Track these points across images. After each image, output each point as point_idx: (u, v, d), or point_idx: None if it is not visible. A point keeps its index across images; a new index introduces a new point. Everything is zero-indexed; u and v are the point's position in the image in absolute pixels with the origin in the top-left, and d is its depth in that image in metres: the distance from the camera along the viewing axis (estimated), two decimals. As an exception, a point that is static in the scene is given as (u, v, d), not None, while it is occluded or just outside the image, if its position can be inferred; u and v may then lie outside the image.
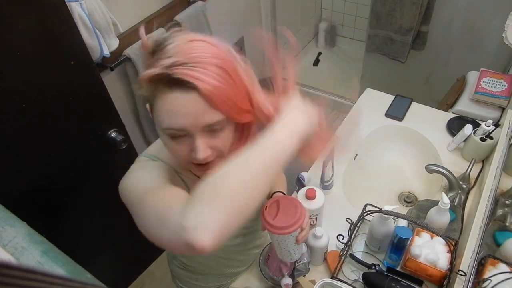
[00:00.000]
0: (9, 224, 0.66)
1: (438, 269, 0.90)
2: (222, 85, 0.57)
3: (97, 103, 1.22)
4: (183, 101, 0.57)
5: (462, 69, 1.70)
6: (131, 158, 0.75)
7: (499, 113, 1.41)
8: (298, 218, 0.72)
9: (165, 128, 0.60)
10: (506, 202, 1.07)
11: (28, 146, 1.07)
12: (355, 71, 2.69)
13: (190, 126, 0.58)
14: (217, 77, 0.57)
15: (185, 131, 0.59)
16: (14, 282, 0.19)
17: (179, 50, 0.57)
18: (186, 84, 0.55)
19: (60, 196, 1.24)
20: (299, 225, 0.72)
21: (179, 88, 0.56)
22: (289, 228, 0.72)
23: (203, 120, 0.58)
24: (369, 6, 2.06)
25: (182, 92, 0.56)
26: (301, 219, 0.73)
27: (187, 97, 0.56)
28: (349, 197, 1.22)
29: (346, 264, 1.02)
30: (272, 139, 0.56)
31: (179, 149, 0.62)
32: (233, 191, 0.49)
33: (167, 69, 0.56)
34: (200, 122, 0.58)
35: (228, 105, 0.59)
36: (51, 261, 0.61)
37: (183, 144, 0.62)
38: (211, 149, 0.62)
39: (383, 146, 1.41)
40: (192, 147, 0.61)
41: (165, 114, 0.58)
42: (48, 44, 1.00)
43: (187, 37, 0.59)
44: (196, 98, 0.56)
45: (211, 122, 0.59)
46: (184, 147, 0.62)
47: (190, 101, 0.57)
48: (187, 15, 1.68)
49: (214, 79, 0.57)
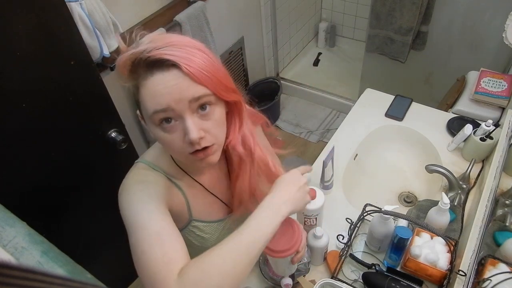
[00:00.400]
0: (9, 224, 0.66)
1: (438, 269, 0.90)
2: (202, 62, 0.58)
3: (97, 103, 1.22)
4: (164, 81, 0.57)
5: (462, 69, 1.71)
6: (131, 158, 0.75)
7: (499, 113, 1.41)
8: (295, 242, 0.72)
9: (152, 114, 0.58)
10: (506, 202, 1.07)
11: (28, 146, 1.07)
12: (355, 71, 2.69)
13: (175, 103, 0.57)
14: (196, 55, 0.58)
15: (173, 111, 0.58)
16: (14, 282, 0.19)
17: (154, 39, 0.59)
18: (165, 62, 0.56)
19: (60, 196, 1.24)
20: (295, 249, 0.72)
21: (159, 69, 0.57)
22: (286, 252, 0.72)
23: (188, 94, 0.57)
24: (369, 6, 2.06)
25: (162, 72, 0.57)
26: (297, 243, 0.72)
27: (168, 75, 0.57)
28: (349, 197, 1.22)
29: (346, 264, 1.02)
30: (254, 226, 0.61)
31: (173, 139, 0.61)
32: (217, 281, 0.55)
33: (144, 53, 0.56)
34: (185, 97, 0.57)
35: (212, 81, 0.59)
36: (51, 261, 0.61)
37: (175, 132, 0.60)
38: (204, 132, 0.61)
39: (383, 146, 1.41)
40: (185, 131, 0.59)
41: (150, 98, 0.58)
42: (48, 44, 1.00)
43: (155, 34, 0.61)
44: (177, 74, 0.57)
45: (196, 95, 0.58)
46: (177, 134, 0.61)
47: (171, 79, 0.57)
48: (187, 15, 1.68)
49: (194, 56, 0.57)
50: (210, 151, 0.63)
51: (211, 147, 0.63)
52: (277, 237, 0.72)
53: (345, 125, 1.46)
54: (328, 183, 1.20)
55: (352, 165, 1.33)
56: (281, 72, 3.00)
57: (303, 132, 2.68)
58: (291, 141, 2.62)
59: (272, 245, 0.72)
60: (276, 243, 0.72)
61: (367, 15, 2.21)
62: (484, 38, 1.88)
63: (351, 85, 2.78)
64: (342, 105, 2.75)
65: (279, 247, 0.72)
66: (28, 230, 0.67)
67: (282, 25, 2.71)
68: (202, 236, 0.82)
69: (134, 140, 1.53)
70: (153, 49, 0.56)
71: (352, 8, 3.07)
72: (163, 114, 0.58)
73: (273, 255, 0.72)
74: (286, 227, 0.74)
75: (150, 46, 0.57)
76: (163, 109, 0.58)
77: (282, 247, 0.72)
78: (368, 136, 1.39)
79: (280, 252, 0.72)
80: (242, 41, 2.35)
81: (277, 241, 0.72)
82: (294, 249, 0.72)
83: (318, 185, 1.21)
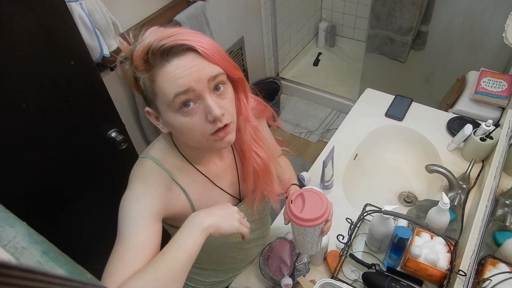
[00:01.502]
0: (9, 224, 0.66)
1: (438, 269, 0.90)
2: (211, 43, 0.62)
3: (97, 103, 1.21)
4: (182, 64, 0.60)
5: (462, 69, 1.70)
6: (131, 158, 0.75)
7: (499, 113, 1.41)
8: (325, 209, 0.75)
9: (173, 98, 0.60)
10: (506, 202, 1.07)
11: (28, 146, 1.07)
12: (355, 71, 2.69)
13: (196, 82, 0.60)
14: (204, 38, 0.62)
15: (193, 92, 0.61)
16: (14, 282, 0.19)
17: (157, 31, 0.61)
18: (181, 47, 0.59)
19: (60, 196, 1.24)
20: (326, 216, 0.75)
21: (175, 55, 0.59)
22: (317, 220, 0.74)
23: (206, 73, 0.61)
24: (369, 6, 2.06)
25: (179, 57, 0.60)
26: (327, 210, 0.75)
27: (185, 59, 0.60)
28: (349, 197, 1.22)
29: (346, 264, 1.02)
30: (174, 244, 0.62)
31: (194, 122, 0.63)
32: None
33: (156, 42, 0.58)
34: (204, 76, 0.61)
35: (224, 60, 0.63)
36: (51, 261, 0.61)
37: (195, 114, 0.63)
38: (223, 110, 0.64)
39: (383, 146, 1.41)
40: (206, 110, 0.62)
41: (170, 83, 0.60)
42: (48, 44, 1.00)
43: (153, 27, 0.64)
44: (194, 56, 0.60)
45: (213, 74, 0.62)
46: (198, 117, 0.63)
47: (189, 61, 0.60)
48: (187, 15, 1.68)
49: (203, 39, 0.62)
50: (229, 129, 0.66)
51: (229, 125, 0.66)
52: (307, 207, 0.75)
53: (345, 125, 1.46)
54: (328, 183, 1.20)
55: (352, 165, 1.33)
56: (281, 72, 3.00)
57: (303, 132, 2.68)
58: (291, 141, 2.62)
59: (304, 215, 0.74)
60: (307, 212, 0.74)
61: (367, 15, 2.20)
62: (484, 38, 1.88)
63: (351, 85, 2.78)
64: (342, 105, 2.75)
65: (310, 216, 0.74)
66: (28, 230, 0.67)
67: (282, 25, 2.71)
68: None
69: (134, 140, 1.53)
70: (163, 37, 0.59)
71: (352, 8, 3.07)
72: (184, 96, 0.61)
73: (306, 224, 0.74)
74: (313, 197, 0.77)
75: (159, 36, 0.59)
76: (184, 90, 0.60)
77: (313, 216, 0.74)
78: (368, 136, 1.39)
79: (312, 221, 0.74)
80: (242, 41, 2.35)
81: (307, 211, 0.74)
82: (326, 216, 0.75)
83: (318, 185, 1.21)
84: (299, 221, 0.74)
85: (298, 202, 0.77)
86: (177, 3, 1.69)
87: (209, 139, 0.66)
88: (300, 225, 0.75)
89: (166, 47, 0.58)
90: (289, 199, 0.78)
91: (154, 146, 0.77)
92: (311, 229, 0.76)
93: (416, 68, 2.19)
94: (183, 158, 0.76)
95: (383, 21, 2.02)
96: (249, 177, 0.81)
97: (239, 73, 0.68)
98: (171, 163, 0.74)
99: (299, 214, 0.74)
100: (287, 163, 1.02)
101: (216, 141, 0.66)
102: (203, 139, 0.66)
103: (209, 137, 0.65)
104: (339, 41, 3.33)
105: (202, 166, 0.79)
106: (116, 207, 0.68)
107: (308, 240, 0.80)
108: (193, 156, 0.77)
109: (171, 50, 0.59)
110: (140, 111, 1.65)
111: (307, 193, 0.78)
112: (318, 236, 0.80)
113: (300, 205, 0.76)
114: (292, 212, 0.75)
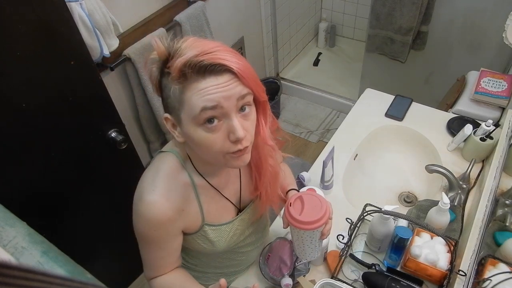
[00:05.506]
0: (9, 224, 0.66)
1: (438, 269, 0.90)
2: (246, 65, 0.62)
3: (97, 103, 1.21)
4: (217, 82, 0.59)
5: (462, 69, 1.70)
6: (131, 158, 0.75)
7: (499, 113, 1.41)
8: (325, 212, 0.74)
9: (200, 112, 0.60)
10: (506, 202, 1.07)
11: (28, 146, 1.07)
12: (355, 71, 2.69)
13: (225, 100, 0.60)
14: (240, 59, 0.62)
15: (221, 109, 0.61)
16: (14, 282, 0.19)
17: (194, 45, 0.60)
18: (218, 67, 0.59)
19: (60, 196, 1.24)
20: (325, 219, 0.74)
21: (212, 73, 0.59)
22: (316, 223, 0.73)
23: (237, 92, 0.61)
24: (369, 6, 2.06)
25: (216, 76, 0.59)
26: (327, 212, 0.74)
27: (221, 79, 0.60)
28: (349, 197, 1.22)
29: (346, 264, 1.02)
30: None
31: (215, 139, 0.63)
32: None
33: (195, 58, 0.58)
34: (234, 94, 0.61)
35: (254, 81, 0.63)
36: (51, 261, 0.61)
37: (218, 132, 0.63)
38: (246, 131, 0.64)
39: (383, 146, 1.41)
40: (230, 130, 0.62)
41: (199, 97, 0.60)
42: (48, 44, 1.00)
43: (191, 38, 0.63)
44: (229, 77, 0.60)
45: (243, 93, 0.62)
46: (220, 134, 0.63)
47: (224, 81, 0.60)
48: (187, 15, 1.68)
49: (239, 60, 0.61)
50: (247, 149, 0.66)
51: (248, 147, 0.66)
52: (306, 210, 0.74)
53: (345, 125, 1.46)
54: (328, 183, 1.20)
55: (352, 165, 1.33)
56: (281, 72, 3.00)
57: (303, 132, 2.68)
58: (291, 141, 2.62)
59: (303, 217, 0.73)
60: (306, 215, 0.73)
61: (367, 15, 2.20)
62: (484, 38, 1.88)
63: (351, 85, 2.78)
64: (342, 105, 2.75)
65: (309, 219, 0.73)
66: (28, 230, 0.67)
67: (282, 25, 2.71)
68: (211, 240, 0.83)
69: (134, 140, 1.53)
70: (203, 53, 0.58)
71: (352, 8, 3.07)
72: (210, 112, 0.60)
73: (305, 227, 0.73)
74: (312, 200, 0.76)
75: (199, 51, 0.58)
76: (212, 106, 0.60)
77: (312, 218, 0.73)
78: (368, 136, 1.39)
79: (312, 223, 0.73)
80: (242, 41, 2.35)
81: (306, 213, 0.74)
82: (325, 218, 0.74)
83: (318, 185, 1.21)
84: (298, 223, 0.73)
85: (297, 205, 0.76)
86: (177, 3, 1.69)
87: (226, 157, 0.66)
88: (299, 228, 0.74)
89: (204, 65, 0.58)
90: (288, 202, 0.77)
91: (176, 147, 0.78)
92: (310, 232, 0.75)
93: (416, 68, 2.19)
94: (195, 169, 0.77)
95: (383, 21, 2.02)
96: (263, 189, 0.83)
97: (265, 95, 0.69)
98: (191, 168, 0.76)
99: (298, 217, 0.73)
100: (288, 170, 1.02)
101: (233, 159, 0.67)
102: (220, 156, 0.66)
103: (226, 155, 0.66)
104: (339, 41, 3.33)
105: (210, 178, 0.79)
106: (116, 207, 0.68)
107: (307, 244, 0.79)
108: (204, 168, 0.77)
109: (209, 68, 0.58)
110: (140, 111, 1.65)
111: (306, 196, 0.77)
112: (317, 241, 0.79)
113: (299, 208, 0.75)
114: (291, 215, 0.74)
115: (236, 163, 0.67)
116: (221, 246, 0.84)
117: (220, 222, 0.84)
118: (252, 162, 0.83)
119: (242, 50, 2.38)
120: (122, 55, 1.46)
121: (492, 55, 1.88)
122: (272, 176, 0.83)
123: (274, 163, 0.82)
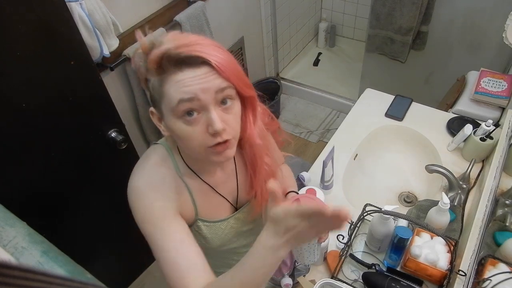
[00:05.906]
0: (9, 224, 0.66)
1: (438, 269, 0.90)
2: (227, 58, 0.62)
3: (97, 103, 1.22)
4: (194, 74, 0.59)
5: (462, 69, 1.70)
6: (131, 158, 0.75)
7: (499, 113, 1.41)
8: None
9: (177, 104, 0.60)
10: (506, 202, 1.07)
11: (28, 146, 1.07)
12: (355, 71, 2.69)
13: (202, 92, 0.60)
14: (220, 52, 0.61)
15: (198, 101, 0.60)
16: (14, 282, 0.19)
17: (177, 38, 0.60)
18: (196, 59, 0.59)
19: (60, 196, 1.24)
20: None
21: (189, 65, 0.59)
22: None
23: (215, 85, 0.61)
24: (369, 6, 2.06)
25: (193, 68, 0.59)
26: None
27: (198, 71, 0.59)
28: (349, 197, 1.22)
29: (346, 264, 1.02)
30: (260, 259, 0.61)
31: (194, 132, 0.63)
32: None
33: (173, 50, 0.58)
34: (212, 87, 0.60)
35: (236, 75, 0.63)
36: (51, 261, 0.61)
37: (197, 124, 0.63)
38: (226, 125, 0.64)
39: (383, 146, 1.41)
40: (208, 122, 0.62)
41: (177, 88, 0.60)
42: (48, 44, 1.00)
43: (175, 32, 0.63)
44: (207, 69, 0.60)
45: (222, 86, 0.61)
46: (199, 127, 0.63)
47: (201, 73, 0.60)
48: (187, 15, 1.68)
49: (220, 54, 0.61)
50: (229, 144, 0.66)
51: (230, 140, 0.65)
52: None
53: (345, 125, 1.46)
54: (328, 183, 1.20)
55: (352, 165, 1.33)
56: (281, 72, 3.00)
57: (303, 132, 2.68)
58: (291, 141, 2.62)
59: None
60: None
61: (367, 15, 2.20)
62: (484, 38, 1.88)
63: (351, 85, 2.78)
64: (342, 105, 2.75)
65: None
66: (28, 230, 0.67)
67: (282, 25, 2.71)
68: (204, 236, 0.82)
69: (134, 140, 1.53)
70: (181, 46, 0.58)
71: (352, 8, 3.07)
72: (188, 104, 0.60)
73: None
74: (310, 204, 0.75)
75: (177, 43, 0.58)
76: (189, 98, 0.60)
77: None
78: (368, 136, 1.39)
79: None
80: (242, 41, 2.35)
81: None
82: None
83: (318, 185, 1.21)
84: None
85: None
86: (177, 3, 1.69)
87: (207, 151, 0.65)
88: None
89: (182, 57, 0.58)
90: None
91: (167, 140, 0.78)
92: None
93: (416, 68, 2.19)
94: (186, 165, 0.76)
95: (383, 21, 2.02)
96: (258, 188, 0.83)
97: (250, 91, 0.68)
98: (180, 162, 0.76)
99: None
100: (289, 171, 1.02)
101: (214, 154, 0.66)
102: (201, 149, 0.66)
103: (207, 149, 0.65)
104: (339, 41, 3.33)
105: (204, 174, 0.79)
106: (116, 207, 0.68)
107: (305, 248, 0.79)
108: (194, 164, 0.77)
109: (186, 60, 0.58)
110: (140, 111, 1.65)
111: (304, 199, 0.76)
112: (315, 244, 0.79)
113: None
114: None
115: (218, 158, 0.67)
116: (215, 243, 0.84)
117: (214, 219, 0.83)
118: (247, 160, 0.82)
119: (242, 50, 2.38)
120: (122, 55, 1.46)
121: (492, 55, 1.88)
122: (268, 175, 0.82)
123: (271, 162, 0.81)
